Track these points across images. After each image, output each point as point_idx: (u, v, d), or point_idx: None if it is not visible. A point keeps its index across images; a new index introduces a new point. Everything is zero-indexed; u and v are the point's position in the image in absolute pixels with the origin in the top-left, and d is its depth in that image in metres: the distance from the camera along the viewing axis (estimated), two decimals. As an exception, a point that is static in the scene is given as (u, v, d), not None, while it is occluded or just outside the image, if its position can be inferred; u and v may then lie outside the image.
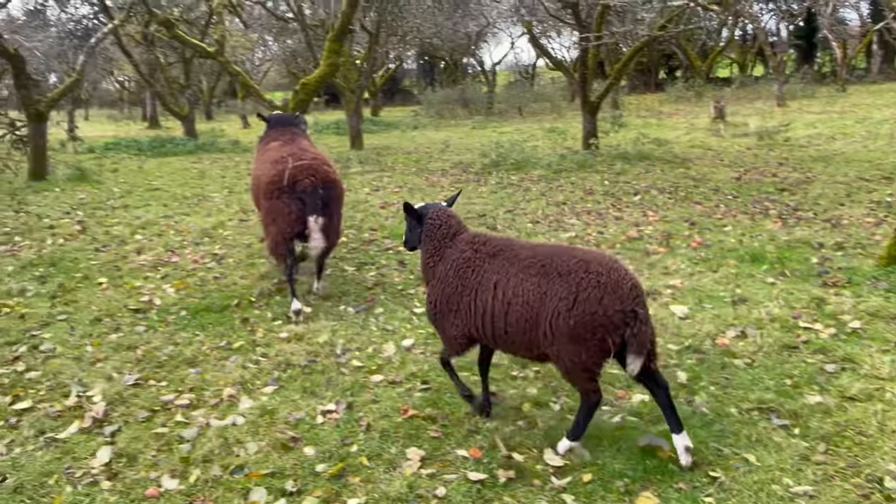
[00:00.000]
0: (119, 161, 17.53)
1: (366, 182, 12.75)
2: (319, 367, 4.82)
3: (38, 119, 13.15)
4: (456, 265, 3.78)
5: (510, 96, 34.15)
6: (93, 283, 6.88)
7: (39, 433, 4.06)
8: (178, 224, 9.46)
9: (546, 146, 17.00)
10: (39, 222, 9.84)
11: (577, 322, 3.27)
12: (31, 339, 5.48)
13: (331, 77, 11.25)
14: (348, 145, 19.44)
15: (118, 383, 4.63)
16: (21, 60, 12.80)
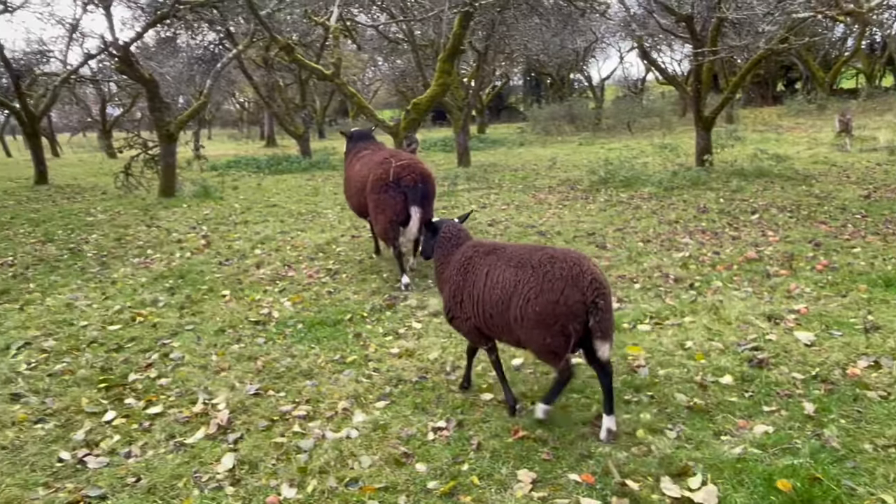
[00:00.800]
0: (239, 178, 18.48)
1: (473, 199, 12.85)
2: (430, 384, 4.87)
3: (168, 140, 14.07)
4: (459, 265, 4.37)
5: (618, 111, 33.59)
6: (217, 295, 7.26)
7: (170, 437, 4.31)
8: (294, 239, 9.85)
9: (656, 163, 16.59)
10: (169, 236, 10.50)
11: (542, 309, 3.78)
12: (162, 347, 5.84)
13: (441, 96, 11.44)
14: (455, 162, 19.68)
15: (240, 392, 4.85)
16: (155, 85, 13.74)
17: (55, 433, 4.42)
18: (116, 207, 13.65)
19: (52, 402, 4.84)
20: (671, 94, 39.69)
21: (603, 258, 7.94)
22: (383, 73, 41.78)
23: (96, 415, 4.64)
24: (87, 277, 8.32)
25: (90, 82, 26.84)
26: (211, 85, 15.24)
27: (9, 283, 8.13)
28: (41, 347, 5.94)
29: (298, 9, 14.42)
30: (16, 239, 10.94)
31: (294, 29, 18.26)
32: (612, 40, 37.66)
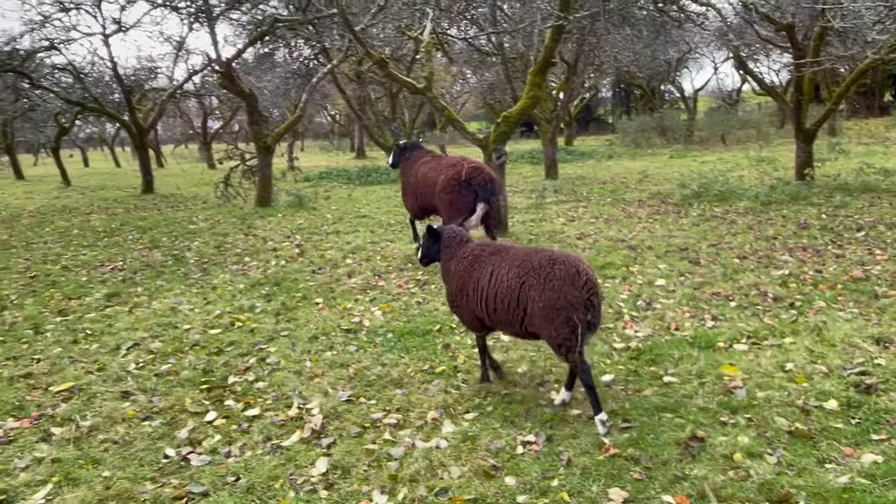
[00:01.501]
0: (331, 189, 18.99)
1: (561, 212, 12.76)
2: (518, 398, 4.87)
3: (266, 151, 14.62)
4: (466, 262, 4.90)
5: (711, 123, 32.65)
6: (310, 303, 7.48)
7: (266, 439, 4.47)
8: (384, 250, 10.03)
9: (752, 176, 16.02)
10: (265, 245, 10.90)
11: (545, 304, 4.31)
12: (259, 351, 6.06)
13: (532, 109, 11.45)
14: (543, 175, 19.60)
15: (333, 398, 4.98)
16: (254, 99, 14.32)
17: (161, 430, 4.65)
18: (216, 216, 14.27)
19: (158, 401, 5.11)
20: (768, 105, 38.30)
21: (696, 274, 7.73)
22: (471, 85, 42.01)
23: (199, 415, 4.86)
24: (190, 283, 8.73)
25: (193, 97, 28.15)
26: (306, 99, 15.77)
27: (119, 287, 8.62)
28: (148, 348, 6.27)
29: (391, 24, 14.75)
30: (125, 245, 11.60)
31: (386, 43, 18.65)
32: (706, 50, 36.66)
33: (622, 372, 5.21)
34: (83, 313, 7.57)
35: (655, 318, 6.37)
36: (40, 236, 13.08)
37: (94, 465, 4.19)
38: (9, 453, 4.41)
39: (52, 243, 12.21)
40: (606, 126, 49.20)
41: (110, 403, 5.09)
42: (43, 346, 6.53)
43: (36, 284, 9.04)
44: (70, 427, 4.74)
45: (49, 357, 6.15)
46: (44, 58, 18.81)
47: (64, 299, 8.21)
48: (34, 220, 15.60)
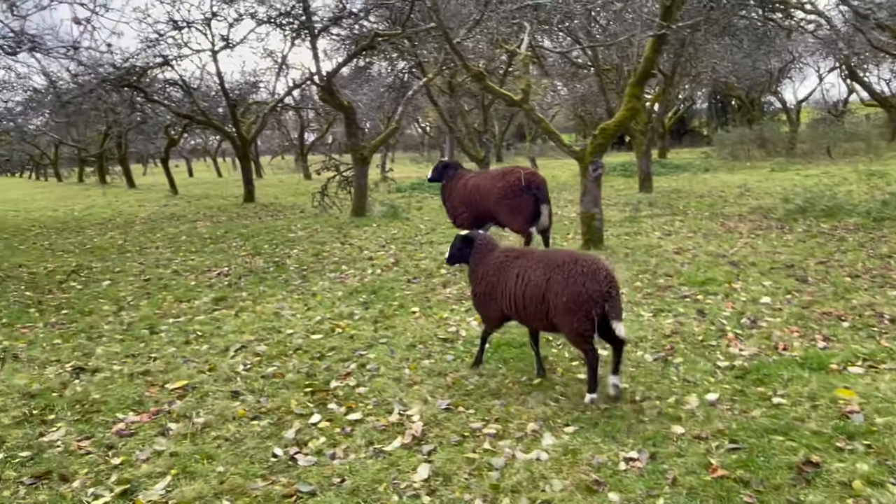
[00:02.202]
0: (422, 200, 19.25)
1: (657, 226, 12.50)
2: (619, 413, 4.80)
3: (362, 163, 14.99)
4: (494, 266, 5.43)
5: (815, 135, 31.21)
6: (407, 312, 7.61)
7: (369, 443, 4.58)
8: (477, 261, 10.07)
9: (862, 191, 15.24)
10: (361, 254, 11.16)
11: (569, 298, 4.80)
12: (359, 357, 6.21)
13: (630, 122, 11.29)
14: (636, 188, 19.25)
15: (433, 406, 5.05)
16: (353, 112, 14.73)
17: (269, 430, 4.84)
18: (314, 225, 14.72)
19: (265, 402, 5.31)
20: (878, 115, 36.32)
21: (804, 292, 7.42)
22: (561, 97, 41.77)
23: (304, 416, 5.03)
24: (291, 289, 9.04)
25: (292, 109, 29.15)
26: (402, 111, 16.09)
27: (225, 291, 9.02)
28: (254, 351, 6.53)
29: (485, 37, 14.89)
30: (229, 251, 12.12)
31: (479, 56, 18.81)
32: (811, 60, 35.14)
33: (727, 391, 5.05)
34: (193, 315, 7.96)
35: (761, 337, 6.15)
36: (152, 242, 13.84)
37: (209, 461, 4.41)
38: (131, 445, 4.69)
39: (163, 248, 12.90)
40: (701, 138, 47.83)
41: (221, 402, 5.33)
42: (158, 345, 6.91)
43: (150, 287, 9.58)
44: (185, 423, 4.99)
45: (164, 356, 6.50)
46: (157, 73, 19.92)
47: (175, 302, 8.65)
48: (146, 227, 16.52)
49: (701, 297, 7.49)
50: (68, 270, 11.04)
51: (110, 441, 4.76)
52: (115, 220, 18.76)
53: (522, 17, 10.22)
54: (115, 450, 4.64)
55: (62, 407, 5.36)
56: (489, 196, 9.30)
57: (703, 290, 7.75)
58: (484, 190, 9.40)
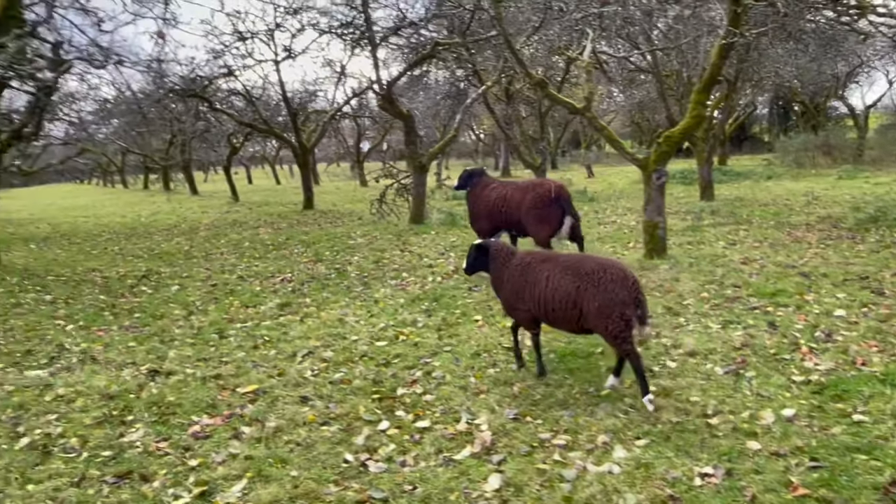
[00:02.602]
0: (479, 208, 19.22)
1: (720, 235, 12.23)
2: (691, 426, 4.71)
3: (420, 170, 15.10)
4: (520, 269, 5.63)
5: (885, 142, 30.12)
6: (470, 320, 7.62)
7: (438, 451, 4.60)
8: (538, 269, 10.02)
9: (939, 200, 14.63)
10: (420, 261, 11.23)
11: (601, 304, 5.01)
12: (424, 365, 6.25)
13: (695, 129, 11.11)
14: (697, 196, 18.88)
15: (500, 416, 5.04)
16: (412, 120, 14.87)
17: (339, 436, 4.90)
18: (373, 232, 14.88)
19: (334, 408, 5.39)
20: (954, 121, 34.88)
21: (881, 305, 7.16)
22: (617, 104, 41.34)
23: (372, 423, 5.08)
24: (353, 296, 9.15)
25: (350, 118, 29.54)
26: (460, 119, 16.16)
27: (289, 297, 9.19)
28: (321, 357, 6.63)
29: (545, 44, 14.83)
30: (292, 258, 12.35)
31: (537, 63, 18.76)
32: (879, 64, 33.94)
33: (805, 407, 4.91)
34: (260, 321, 8.13)
35: (837, 351, 5.96)
36: (217, 248, 14.19)
37: (282, 465, 4.49)
38: (206, 447, 4.81)
39: (228, 254, 13.21)
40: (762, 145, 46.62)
41: (291, 407, 5.43)
42: (227, 349, 7.08)
43: (217, 292, 9.82)
44: (257, 427, 5.10)
45: (234, 360, 6.66)
46: (221, 83, 20.47)
47: (242, 307, 8.85)
48: (210, 233, 16.96)
49: (771, 309, 7.29)
50: (139, 275, 11.40)
51: (187, 443, 4.90)
52: (181, 226, 19.30)
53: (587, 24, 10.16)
54: (192, 451, 4.77)
55: (140, 408, 5.54)
56: (519, 206, 9.57)
57: (773, 301, 7.55)
58: (512, 200, 9.68)
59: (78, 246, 16.02)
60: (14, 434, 5.18)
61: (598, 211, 16.85)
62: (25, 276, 11.63)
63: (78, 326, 8.29)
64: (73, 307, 9.30)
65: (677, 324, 7.01)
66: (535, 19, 13.13)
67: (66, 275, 11.78)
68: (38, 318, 8.81)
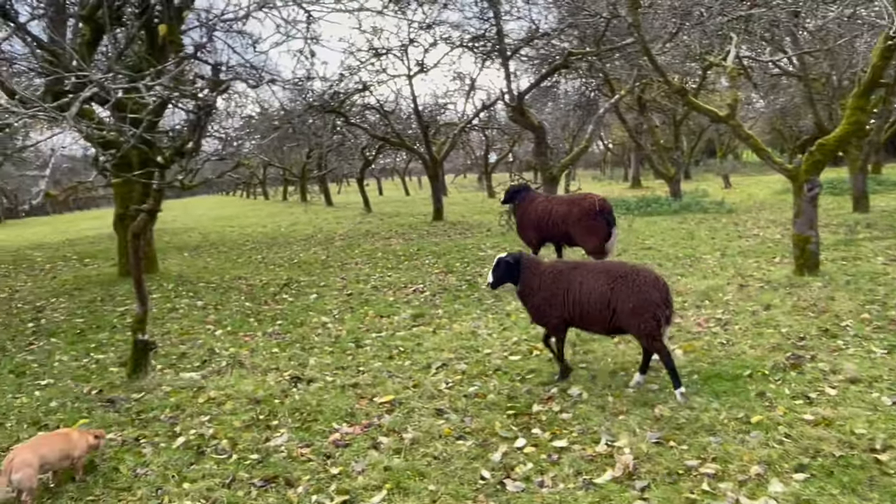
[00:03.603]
0: (610, 219, 18.78)
1: (878, 250, 11.26)
2: (857, 462, 4.32)
3: (550, 181, 14.93)
4: (551, 278, 5.99)
5: None
6: (606, 337, 7.39)
7: (577, 473, 4.46)
8: (675, 284, 9.62)
9: None
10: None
11: (635, 304, 5.44)
12: (559, 382, 6.11)
13: (853, 136, 10.32)
14: (849, 207, 17.54)
15: (642, 439, 4.83)
16: (543, 131, 14.75)
17: (475, 451, 4.87)
18: (502, 244, 14.85)
19: (469, 422, 5.37)
20: None
21: None
22: (756, 110, 39.25)
23: (509, 440, 5.02)
24: (485, 308, 9.14)
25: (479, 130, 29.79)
26: (593, 130, 15.87)
27: (422, 308, 9.31)
28: (455, 369, 6.65)
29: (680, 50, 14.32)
30: (423, 269, 12.53)
31: (673, 70, 18.14)
32: None
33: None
34: (394, 331, 8.28)
35: None
36: (351, 257, 14.65)
37: (420, 478, 4.51)
38: (347, 456, 4.92)
39: (362, 264, 13.59)
40: (923, 151, 42.75)
41: (427, 419, 5.46)
42: (364, 359, 7.25)
43: (352, 301, 10.11)
44: (395, 438, 5.16)
45: (371, 370, 6.80)
46: (356, 98, 21.17)
47: (376, 317, 9.05)
48: (345, 243, 17.54)
49: (948, 334, 6.61)
50: (280, 283, 11.95)
51: (328, 450, 5.03)
52: (317, 236, 20.10)
53: (731, 28, 9.69)
54: (333, 459, 4.89)
55: (284, 414, 5.76)
56: (566, 219, 10.30)
57: (948, 325, 6.84)
58: (557, 214, 10.43)
59: (225, 255, 17.03)
60: (171, 433, 5.52)
61: (737, 223, 16.00)
62: (180, 283, 12.47)
63: (226, 332, 8.77)
64: (222, 313, 9.86)
65: (835, 347, 6.48)
66: (671, 25, 12.70)
67: (215, 282, 12.53)
68: (191, 322, 9.41)
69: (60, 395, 6.58)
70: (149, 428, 5.66)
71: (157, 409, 6.02)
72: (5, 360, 8.03)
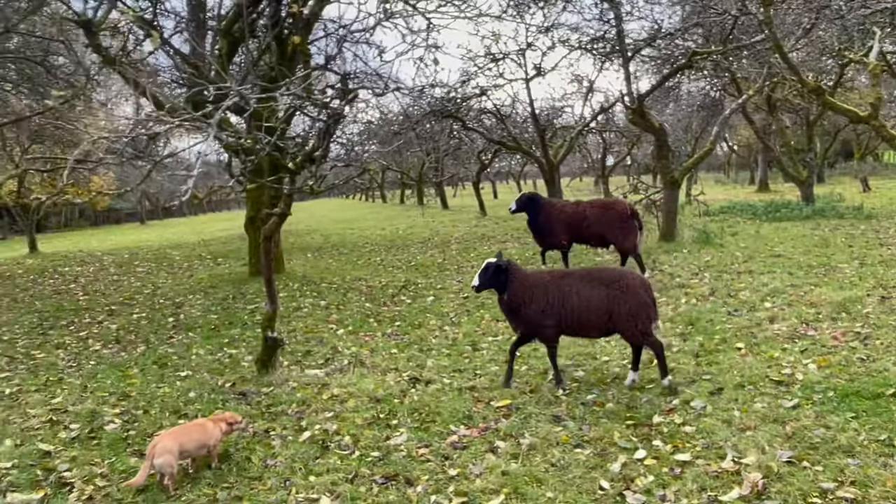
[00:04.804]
0: (735, 224, 18.01)
1: None
2: None
3: (671, 185, 14.49)
4: (543, 289, 6.17)
5: None
6: (730, 347, 7.10)
7: (701, 489, 4.31)
8: (808, 295, 9.10)
9: None
10: (672, 281, 10.74)
11: (631, 307, 5.91)
12: (681, 393, 5.92)
13: None
14: None
15: (772, 457, 4.61)
16: (664, 133, 14.33)
17: (593, 460, 4.80)
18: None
19: (587, 430, 5.30)
20: None
21: None
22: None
23: (628, 450, 4.91)
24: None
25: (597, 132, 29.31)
26: (718, 132, 15.25)
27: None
28: (572, 376, 6.58)
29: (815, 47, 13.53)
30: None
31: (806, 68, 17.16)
32: None
33: None
34: (510, 335, 8.25)
35: None
36: (467, 261, 14.78)
37: (538, 484, 4.50)
38: (464, 458, 4.98)
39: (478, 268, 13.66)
40: None
41: (544, 426, 5.44)
42: (480, 362, 7.31)
43: (468, 305, 10.21)
44: (512, 442, 5.18)
45: (487, 373, 6.85)
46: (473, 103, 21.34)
47: (492, 321, 9.10)
48: (461, 246, 17.73)
49: None
50: (398, 285, 12.23)
51: (446, 452, 5.11)
52: (433, 239, 20.42)
53: (874, 22, 9.06)
54: (451, 461, 4.96)
55: (403, 413, 5.90)
56: (599, 221, 11.34)
57: None
58: (593, 216, 11.41)
59: (346, 256, 17.62)
60: (298, 427, 5.78)
61: (878, 230, 14.92)
62: (304, 283, 13.02)
63: (348, 331, 9.08)
64: (343, 313, 10.21)
65: None
66: (806, 20, 12.01)
67: (337, 282, 12.99)
68: (315, 321, 9.80)
69: (198, 387, 7.03)
70: (277, 421, 5.95)
71: (284, 404, 6.32)
72: (149, 352, 8.67)
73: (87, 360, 8.51)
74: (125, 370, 7.89)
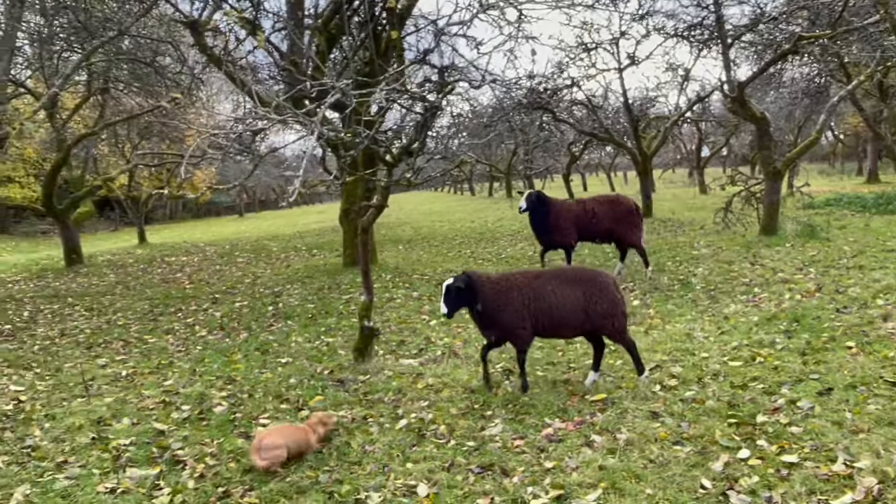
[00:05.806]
0: (843, 217, 17.10)
1: None
2: None
3: (774, 177, 13.89)
4: (516, 292, 6.02)
5: None
6: (840, 346, 6.77)
7: (810, 492, 4.14)
8: (926, 292, 8.56)
9: None
10: (774, 276, 10.31)
11: (608, 304, 6.01)
12: (787, 392, 5.69)
13: None
14: None
15: (888, 462, 4.37)
16: (766, 122, 13.74)
17: (694, 458, 4.69)
18: (718, 243, 14.08)
19: (686, 427, 5.18)
20: None
21: None
22: None
23: (730, 450, 4.77)
24: (700, 310, 8.74)
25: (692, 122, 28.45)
26: (825, 120, 14.49)
27: (633, 307, 9.10)
28: (670, 372, 6.44)
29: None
30: (632, 266, 12.22)
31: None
32: None
33: None
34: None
35: None
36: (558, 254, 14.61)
37: (636, 480, 4.43)
38: (560, 451, 4.96)
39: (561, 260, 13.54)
40: None
41: (642, 421, 5.35)
42: (574, 356, 7.26)
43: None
44: (608, 437, 5.12)
45: (581, 367, 6.79)
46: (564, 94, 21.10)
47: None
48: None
49: None
50: (489, 277, 12.24)
51: (541, 444, 5.11)
52: (523, 231, 20.31)
53: None
54: (546, 453, 4.96)
55: (497, 405, 5.94)
56: (607, 217, 11.58)
57: None
58: (601, 213, 11.63)
59: (436, 248, 17.79)
60: (395, 415, 5.91)
61: None
62: (396, 275, 13.24)
63: (440, 322, 9.17)
64: (435, 304, 10.32)
65: None
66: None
67: (428, 274, 13.14)
68: (408, 312, 9.97)
69: (297, 373, 7.28)
70: (374, 408, 6.10)
71: (381, 392, 6.47)
72: (251, 339, 9.05)
73: (195, 346, 8.96)
74: (230, 355, 8.27)
